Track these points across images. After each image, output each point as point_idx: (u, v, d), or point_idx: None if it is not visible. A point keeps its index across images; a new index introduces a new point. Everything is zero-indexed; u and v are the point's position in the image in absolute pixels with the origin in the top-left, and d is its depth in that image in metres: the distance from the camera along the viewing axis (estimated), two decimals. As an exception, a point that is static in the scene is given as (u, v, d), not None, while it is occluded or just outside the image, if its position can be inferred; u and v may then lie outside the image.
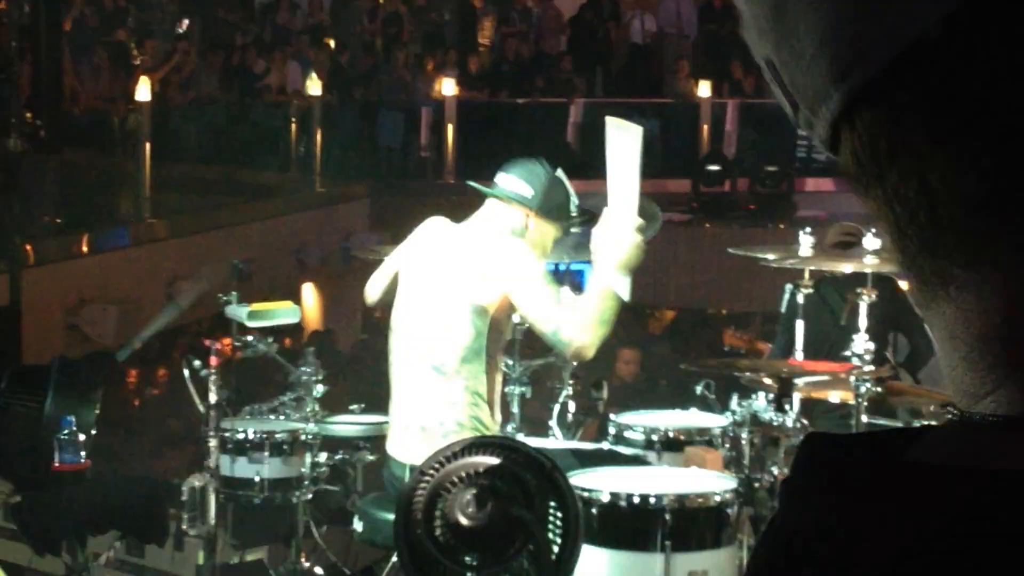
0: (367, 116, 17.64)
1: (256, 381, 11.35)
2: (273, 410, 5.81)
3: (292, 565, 5.68)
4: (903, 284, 7.71)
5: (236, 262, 6.12)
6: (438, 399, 4.84)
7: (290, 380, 5.79)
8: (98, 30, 16.34)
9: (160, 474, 9.67)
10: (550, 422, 5.68)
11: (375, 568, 5.49)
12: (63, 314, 11.39)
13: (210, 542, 5.50)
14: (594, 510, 4.59)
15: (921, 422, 5.73)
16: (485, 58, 18.98)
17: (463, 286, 4.82)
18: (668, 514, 4.57)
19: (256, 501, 5.56)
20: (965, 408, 0.71)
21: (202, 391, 5.49)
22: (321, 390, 5.76)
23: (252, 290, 6.02)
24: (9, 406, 5.66)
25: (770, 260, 6.45)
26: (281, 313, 6.03)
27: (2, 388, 5.77)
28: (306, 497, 5.58)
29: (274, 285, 13.18)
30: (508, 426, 5.41)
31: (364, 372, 10.40)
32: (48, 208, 12.71)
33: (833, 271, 6.61)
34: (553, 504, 4.42)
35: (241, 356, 5.76)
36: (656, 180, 17.22)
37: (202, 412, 5.50)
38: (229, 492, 5.52)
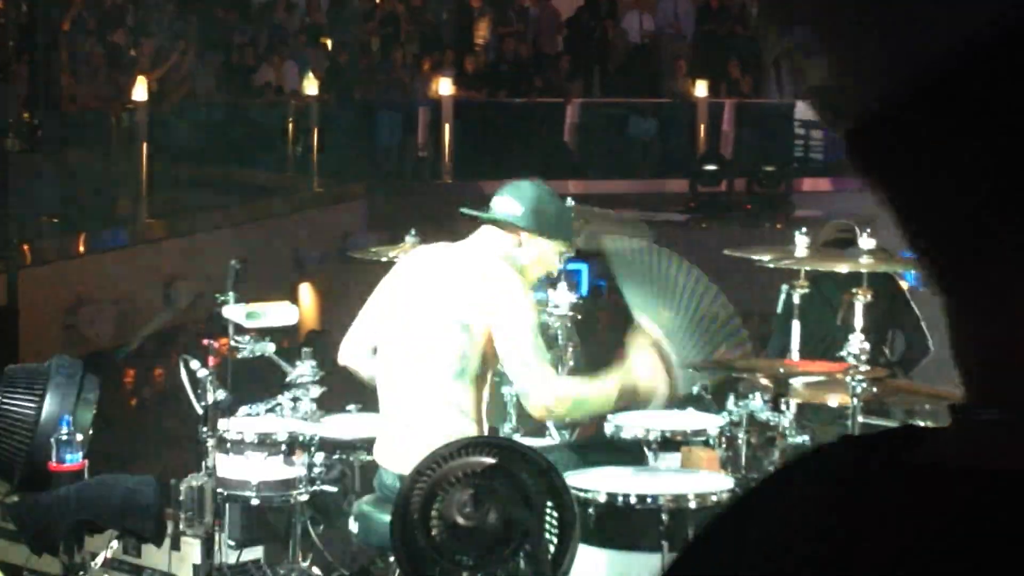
0: (364, 116, 17.63)
1: (253, 381, 11.33)
2: (270, 410, 5.80)
3: (289, 565, 5.68)
4: (903, 283, 7.70)
5: (233, 262, 6.11)
6: (422, 411, 4.84)
7: (287, 380, 5.78)
8: (96, 30, 16.33)
9: (157, 474, 9.65)
10: (547, 422, 5.67)
11: (372, 568, 5.48)
12: (61, 314, 11.39)
13: (207, 542, 5.50)
14: (591, 510, 4.59)
15: (917, 421, 5.72)
16: (482, 58, 18.98)
17: (451, 309, 4.81)
18: (665, 514, 4.57)
19: (253, 501, 5.55)
20: (970, 408, 0.71)
21: (199, 391, 5.49)
22: (318, 390, 5.76)
23: (249, 290, 6.01)
24: (6, 406, 5.65)
25: (766, 260, 6.44)
26: (278, 313, 6.03)
27: (-1, 388, 5.77)
28: (303, 497, 5.57)
29: (271, 285, 13.17)
30: (505, 426, 5.40)
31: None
32: (46, 208, 12.70)
33: (829, 270, 6.60)
34: (550, 504, 4.42)
35: (238, 356, 5.75)
36: (653, 180, 17.25)
37: (199, 412, 5.49)
38: (226, 492, 5.51)
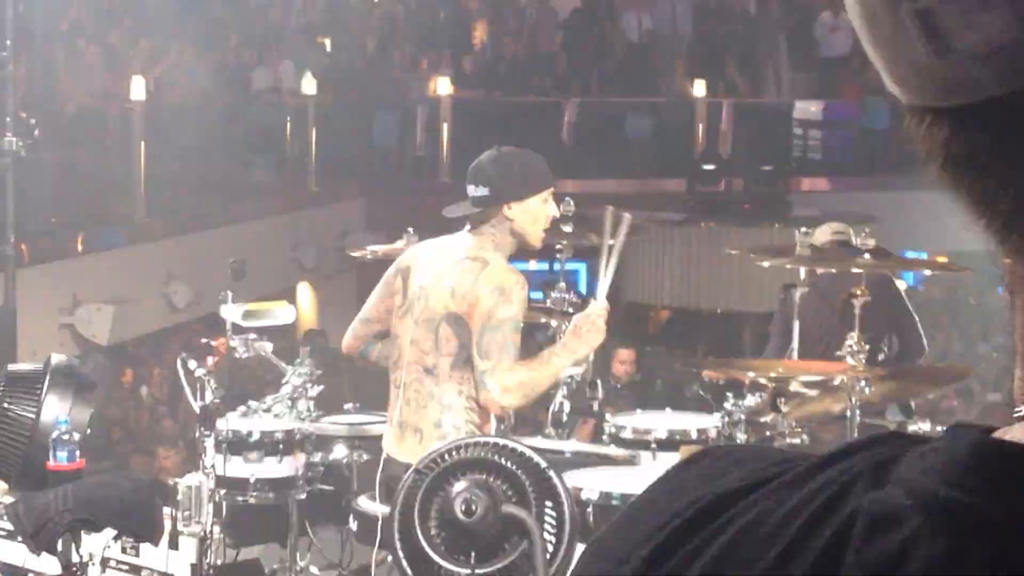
0: (362, 116, 17.62)
1: (251, 380, 11.36)
2: (268, 409, 5.81)
3: (287, 564, 5.68)
4: (899, 283, 7.71)
5: (231, 261, 6.12)
6: (433, 403, 4.84)
7: (285, 379, 5.79)
8: (93, 30, 16.32)
9: (155, 473, 9.67)
10: (545, 422, 5.68)
11: (370, 567, 5.48)
12: (58, 313, 11.39)
13: (205, 541, 5.50)
14: (589, 509, 4.59)
15: (914, 420, 5.73)
16: (480, 58, 18.98)
17: (449, 302, 4.83)
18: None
19: (251, 500, 5.56)
20: None
21: (197, 390, 5.49)
22: (316, 390, 5.76)
23: (247, 289, 6.01)
24: (3, 406, 5.65)
25: (765, 260, 6.44)
26: (276, 313, 6.03)
27: (-3, 387, 5.76)
28: (301, 496, 5.58)
29: (269, 284, 13.19)
30: (503, 426, 5.40)
31: (359, 371, 10.39)
32: (43, 207, 12.68)
33: (827, 270, 6.61)
34: (548, 503, 4.42)
35: (236, 356, 5.76)
36: (651, 179, 17.25)
37: (197, 411, 5.50)
38: (224, 491, 5.52)
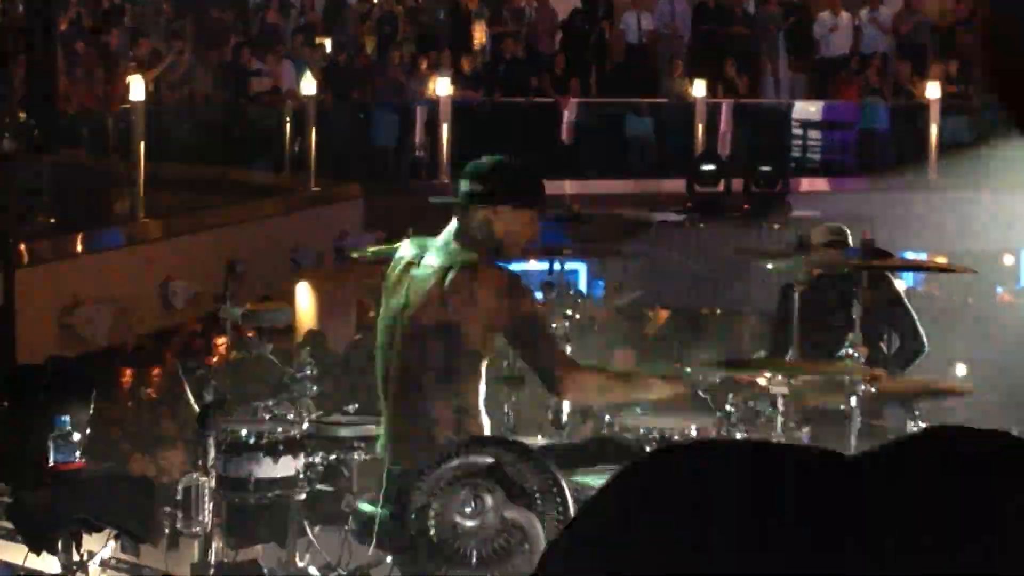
0: (361, 116, 17.63)
1: (250, 381, 11.35)
2: (267, 410, 5.81)
3: (286, 565, 5.68)
4: (898, 284, 7.71)
5: (231, 262, 6.12)
6: (421, 416, 4.83)
7: (284, 380, 5.79)
8: (92, 30, 16.32)
9: (155, 473, 9.68)
10: (545, 422, 5.67)
11: (370, 568, 5.49)
12: (57, 314, 11.38)
13: (205, 541, 5.50)
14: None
15: (917, 418, 5.73)
16: (479, 58, 18.98)
17: (438, 303, 4.80)
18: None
19: (250, 501, 5.55)
20: None
21: (197, 391, 5.49)
22: (315, 390, 5.76)
23: (246, 290, 6.02)
24: (3, 406, 5.66)
25: (764, 260, 6.45)
26: (275, 313, 6.03)
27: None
28: (301, 497, 5.58)
29: (268, 285, 13.19)
30: (502, 426, 5.40)
31: (358, 372, 10.40)
32: (42, 208, 12.69)
33: (827, 271, 6.61)
34: (548, 504, 4.42)
35: (235, 356, 5.76)
36: (651, 180, 17.25)
37: (197, 412, 5.50)
38: (224, 492, 5.51)
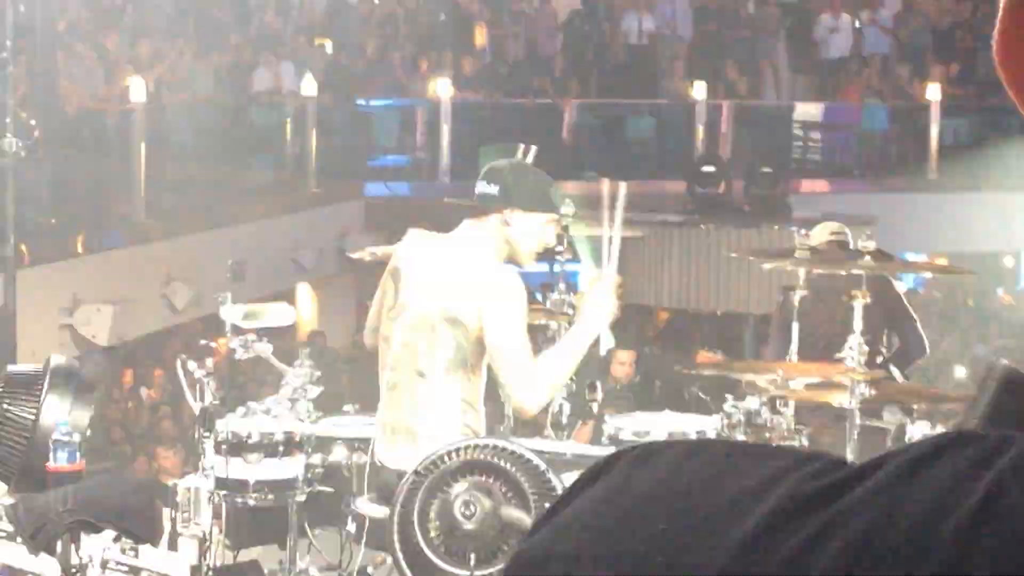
0: (362, 117, 17.63)
1: (250, 382, 11.36)
2: (267, 411, 5.81)
3: (286, 566, 5.68)
4: (897, 286, 7.71)
5: (231, 262, 6.12)
6: (426, 406, 4.82)
7: (284, 381, 5.78)
8: (93, 30, 16.32)
9: (155, 474, 9.68)
10: (545, 424, 5.67)
11: (369, 569, 5.48)
12: (58, 314, 11.39)
13: (204, 543, 5.50)
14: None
15: (914, 420, 5.73)
16: (480, 59, 18.98)
17: (443, 301, 4.79)
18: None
19: (250, 502, 5.55)
20: None
21: (197, 392, 5.49)
22: (316, 391, 5.76)
23: (247, 291, 6.01)
24: (3, 407, 5.65)
25: (764, 262, 6.45)
26: (276, 314, 6.03)
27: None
28: (300, 498, 5.57)
29: (269, 286, 13.19)
30: (502, 427, 5.40)
31: (358, 373, 10.39)
32: (43, 208, 12.69)
33: (827, 272, 6.61)
34: (547, 505, 4.41)
35: (236, 357, 5.76)
36: (651, 181, 17.24)
37: (197, 413, 5.50)
38: (224, 493, 5.51)
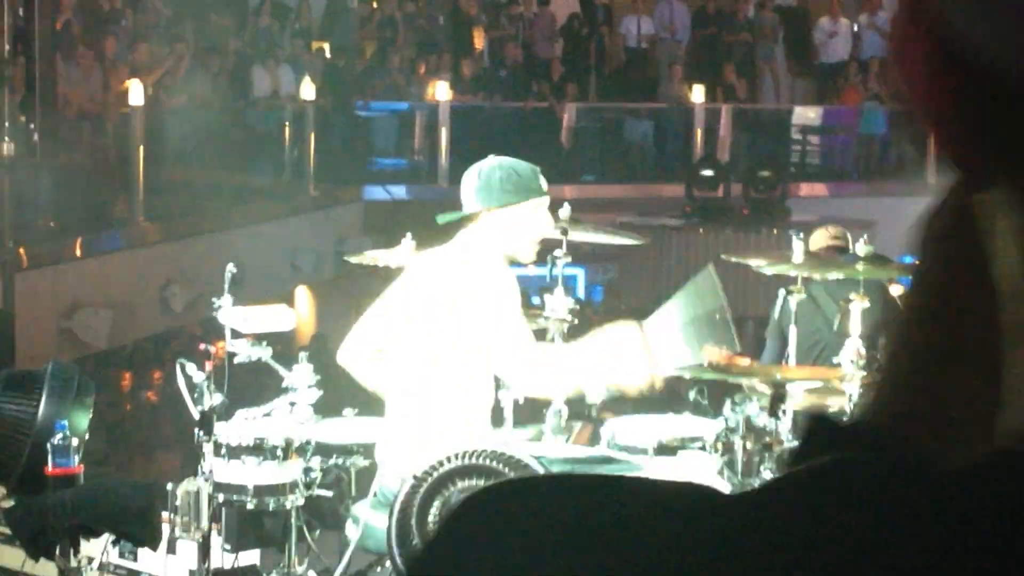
0: (361, 120, 17.64)
1: (249, 385, 11.34)
2: (267, 414, 5.80)
3: (285, 570, 5.67)
4: (894, 290, 7.71)
5: (230, 266, 6.11)
6: (426, 416, 4.83)
7: (283, 385, 5.78)
8: (92, 33, 16.31)
9: (153, 478, 9.66)
10: (543, 427, 5.67)
11: (369, 573, 5.48)
12: (56, 317, 11.39)
13: (203, 546, 5.50)
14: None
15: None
16: (479, 63, 18.98)
17: (433, 312, 4.81)
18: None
19: (249, 506, 5.55)
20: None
21: (196, 395, 5.49)
22: (315, 395, 5.76)
23: (245, 294, 6.01)
24: (2, 410, 5.65)
25: (763, 265, 6.44)
26: (275, 317, 6.03)
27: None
28: (299, 502, 5.57)
29: (268, 289, 13.18)
30: (501, 431, 5.40)
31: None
32: (41, 211, 12.70)
33: (825, 276, 6.61)
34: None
35: (235, 360, 5.75)
36: (650, 185, 17.26)
37: (195, 416, 5.49)
38: (222, 496, 5.51)
